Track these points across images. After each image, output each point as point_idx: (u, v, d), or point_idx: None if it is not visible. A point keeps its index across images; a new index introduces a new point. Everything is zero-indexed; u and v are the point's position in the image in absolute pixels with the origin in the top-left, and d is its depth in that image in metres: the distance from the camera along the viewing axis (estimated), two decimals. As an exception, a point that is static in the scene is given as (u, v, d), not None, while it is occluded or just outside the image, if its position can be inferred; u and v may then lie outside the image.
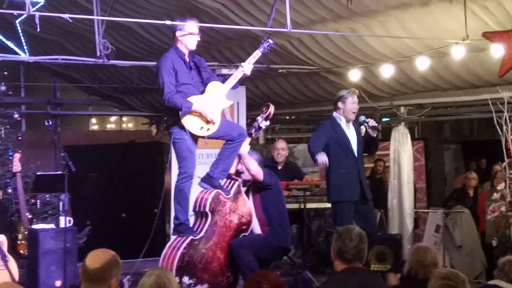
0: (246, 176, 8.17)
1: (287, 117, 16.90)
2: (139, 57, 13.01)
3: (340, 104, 8.52)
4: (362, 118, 8.67)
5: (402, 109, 12.57)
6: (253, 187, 8.24)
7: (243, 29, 10.61)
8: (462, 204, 11.42)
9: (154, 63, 11.77)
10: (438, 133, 17.95)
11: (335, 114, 8.59)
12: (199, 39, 7.50)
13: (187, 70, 7.48)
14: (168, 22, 7.48)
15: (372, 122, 8.51)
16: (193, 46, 7.49)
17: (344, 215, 8.26)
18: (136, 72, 13.99)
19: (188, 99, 7.31)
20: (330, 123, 8.59)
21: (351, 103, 8.48)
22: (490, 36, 8.20)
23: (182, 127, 7.36)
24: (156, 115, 16.19)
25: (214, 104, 7.44)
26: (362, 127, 8.65)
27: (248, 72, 7.67)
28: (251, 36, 11.52)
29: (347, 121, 8.51)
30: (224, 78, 7.70)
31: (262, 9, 10.19)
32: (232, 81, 7.58)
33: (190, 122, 7.37)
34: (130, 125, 19.32)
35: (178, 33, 7.48)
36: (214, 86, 7.51)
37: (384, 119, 13.47)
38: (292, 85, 13.48)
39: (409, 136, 12.64)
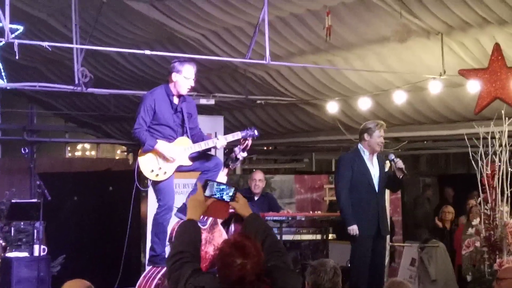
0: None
1: (265, 148, 16.93)
2: (118, 85, 13.02)
3: (366, 136, 8.24)
4: (392, 156, 8.31)
5: (379, 142, 12.63)
6: (236, 216, 8.20)
7: (222, 60, 10.65)
8: (437, 238, 11.45)
9: (132, 91, 11.84)
10: (414, 166, 18.05)
11: (359, 145, 8.34)
12: (193, 84, 7.33)
13: (171, 111, 7.33)
14: (147, 52, 7.45)
15: (399, 164, 8.17)
16: (184, 92, 7.27)
17: (361, 249, 8.14)
18: (114, 100, 13.98)
19: (156, 140, 7.20)
20: (351, 156, 8.39)
21: (377, 136, 8.18)
22: (466, 73, 8.28)
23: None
24: (133, 144, 16.16)
25: (175, 155, 7.30)
26: (388, 162, 8.41)
27: (219, 147, 7.52)
28: (230, 67, 11.59)
29: (371, 153, 8.28)
30: (205, 136, 7.49)
31: (241, 40, 10.26)
32: (202, 146, 7.38)
33: (145, 161, 7.27)
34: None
35: (173, 75, 7.28)
36: (183, 142, 7.38)
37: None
38: (270, 116, 13.54)
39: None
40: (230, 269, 3.71)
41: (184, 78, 7.17)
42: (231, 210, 8.06)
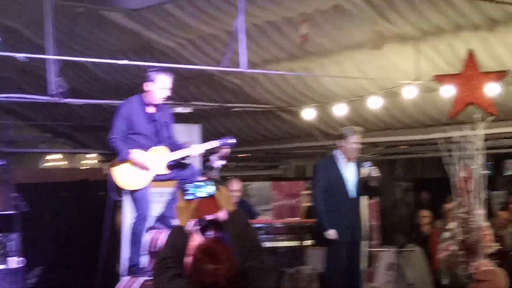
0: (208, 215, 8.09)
1: (242, 155, 16.93)
2: (94, 95, 12.98)
3: (341, 142, 8.28)
4: (367, 164, 8.32)
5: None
6: (214, 224, 8.18)
7: (198, 69, 10.65)
8: (414, 242, 11.52)
9: (109, 101, 11.80)
10: (391, 171, 18.13)
11: (335, 151, 8.40)
12: (168, 94, 7.22)
13: (146, 120, 7.30)
14: (123, 62, 7.43)
15: (374, 172, 8.22)
16: (158, 101, 7.20)
17: (335, 255, 8.20)
18: (90, 110, 13.94)
19: (131, 150, 7.18)
20: (327, 163, 8.44)
21: (352, 142, 8.21)
22: (441, 79, 8.34)
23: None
24: (110, 153, 16.08)
25: (151, 164, 7.29)
26: (365, 169, 8.32)
27: (195, 155, 7.49)
28: (206, 75, 11.60)
29: (347, 159, 8.29)
30: (182, 145, 7.48)
31: (217, 48, 10.27)
32: (178, 154, 7.38)
33: (120, 171, 7.26)
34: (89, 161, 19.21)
35: (148, 85, 7.22)
36: (159, 151, 7.36)
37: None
38: (247, 124, 13.55)
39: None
40: (202, 275, 3.76)
41: (158, 88, 7.15)
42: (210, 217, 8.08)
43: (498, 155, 15.84)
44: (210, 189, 4.39)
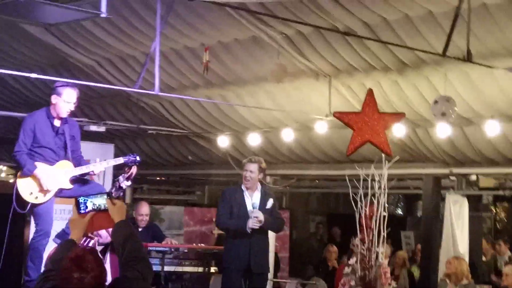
0: (104, 239, 8.00)
1: (157, 178, 16.87)
2: (8, 107, 12.79)
3: (242, 172, 8.38)
4: (253, 212, 8.18)
5: (268, 179, 12.77)
6: (112, 247, 8.11)
7: (112, 88, 10.60)
8: (321, 276, 11.64)
9: (19, 114, 11.63)
10: (306, 204, 18.31)
11: None
12: (73, 108, 7.19)
13: (52, 134, 7.25)
14: (33, 75, 7.37)
15: (251, 222, 8.05)
16: (63, 115, 7.19)
17: (229, 283, 8.14)
18: (3, 122, 13.70)
19: (36, 163, 7.11)
20: (232, 190, 8.44)
21: (244, 172, 8.25)
22: (340, 116, 8.38)
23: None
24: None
25: (55, 179, 7.22)
26: (270, 200, 8.30)
27: (98, 171, 7.47)
28: (123, 95, 11.55)
29: (248, 188, 8.24)
30: (83, 161, 7.43)
31: (135, 69, 10.26)
32: (83, 169, 7.34)
33: (23, 184, 7.17)
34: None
35: (53, 97, 7.23)
36: (64, 165, 7.31)
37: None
38: (162, 147, 13.53)
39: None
40: (67, 284, 3.74)
41: (63, 101, 7.14)
42: (106, 241, 7.97)
43: (409, 196, 16.20)
44: (100, 202, 4.39)
